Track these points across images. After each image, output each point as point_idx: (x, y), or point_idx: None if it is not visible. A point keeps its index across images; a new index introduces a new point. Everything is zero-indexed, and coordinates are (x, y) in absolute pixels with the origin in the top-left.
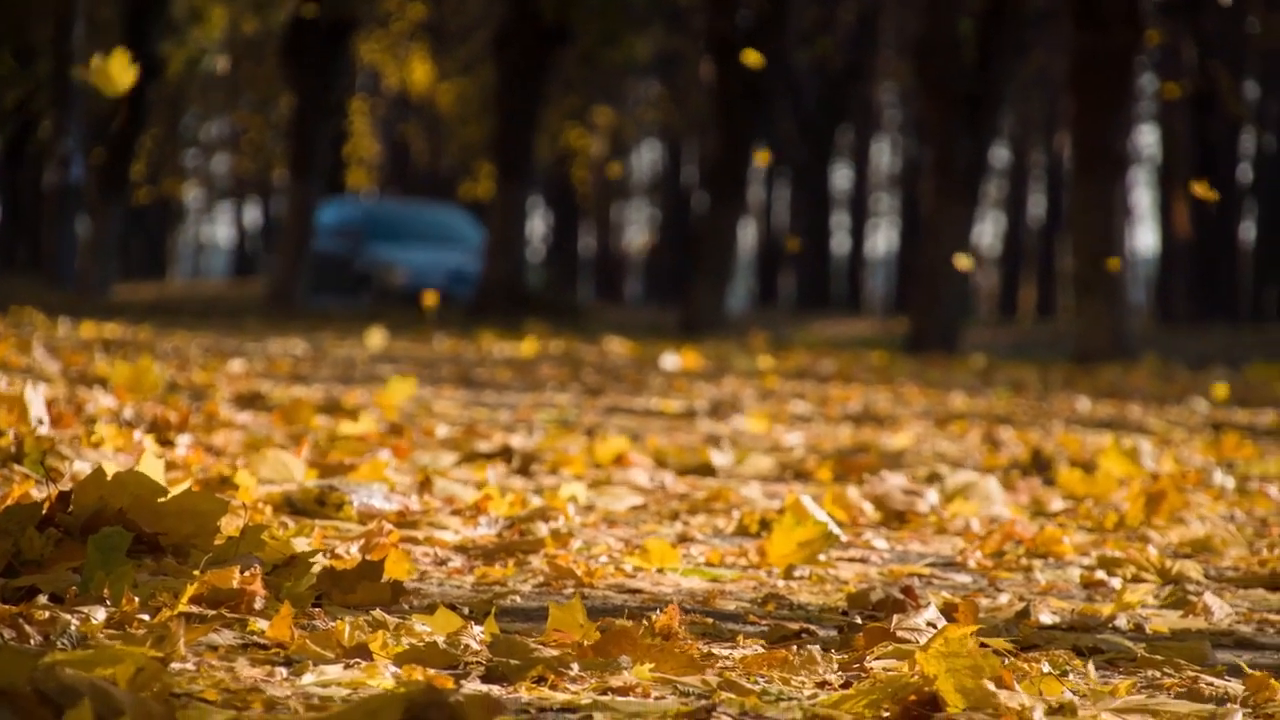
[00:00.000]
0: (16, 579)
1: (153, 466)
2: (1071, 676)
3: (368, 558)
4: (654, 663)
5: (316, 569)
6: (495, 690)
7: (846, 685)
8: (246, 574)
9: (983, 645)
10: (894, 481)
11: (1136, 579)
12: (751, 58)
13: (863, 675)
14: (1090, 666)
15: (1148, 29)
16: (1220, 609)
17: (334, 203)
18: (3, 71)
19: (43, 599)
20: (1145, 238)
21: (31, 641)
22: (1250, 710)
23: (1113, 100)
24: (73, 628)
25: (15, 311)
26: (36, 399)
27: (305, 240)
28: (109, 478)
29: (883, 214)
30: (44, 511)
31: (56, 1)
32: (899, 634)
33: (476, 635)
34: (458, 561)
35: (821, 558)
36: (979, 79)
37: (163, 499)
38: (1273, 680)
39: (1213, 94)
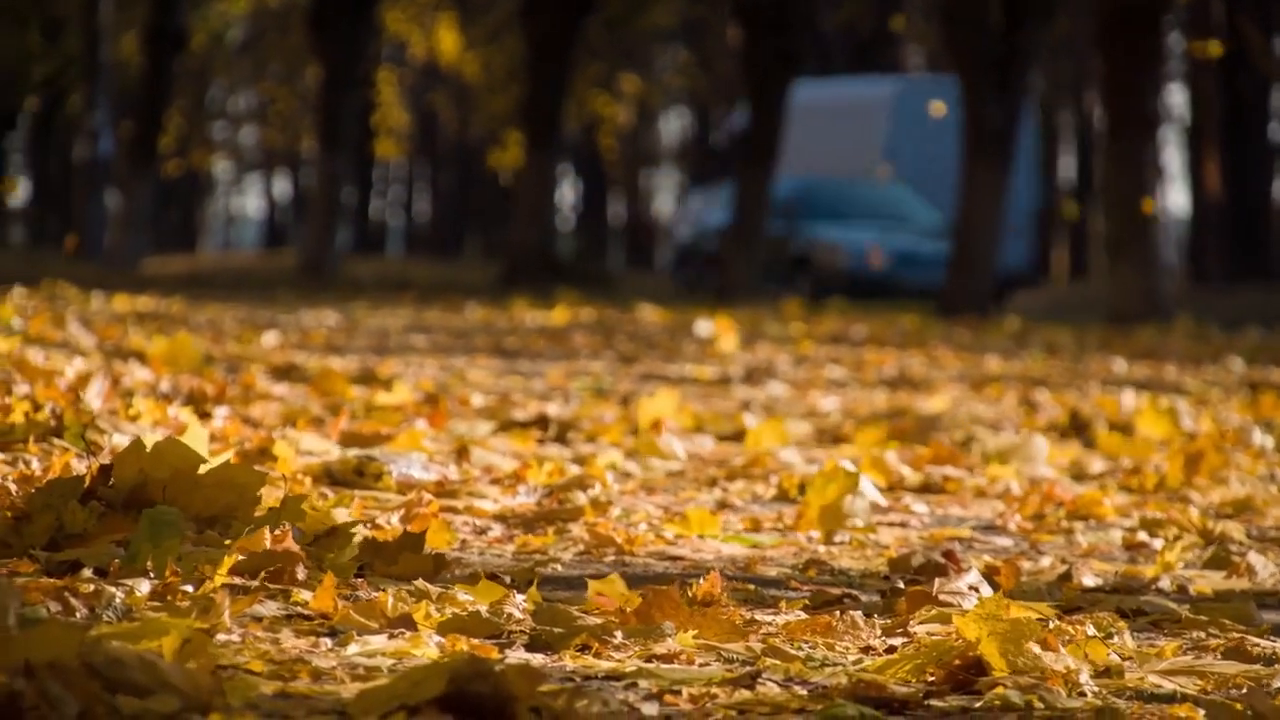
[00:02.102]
0: (60, 552)
1: (197, 438)
2: (1116, 639)
3: (408, 528)
4: (697, 629)
5: (358, 540)
6: (539, 659)
7: (891, 650)
8: (277, 532)
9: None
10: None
11: (1178, 540)
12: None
13: (907, 640)
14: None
15: None
16: (1264, 569)
17: None
18: (31, 47)
19: (87, 572)
20: (1176, 198)
21: (77, 614)
22: None
23: (1142, 60)
24: (118, 600)
25: (48, 285)
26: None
27: (335, 211)
28: (149, 450)
29: None
30: (86, 485)
31: None
32: (941, 598)
33: (519, 604)
34: (498, 530)
35: (860, 523)
36: (1007, 42)
37: (203, 471)
38: None
39: (1242, 52)
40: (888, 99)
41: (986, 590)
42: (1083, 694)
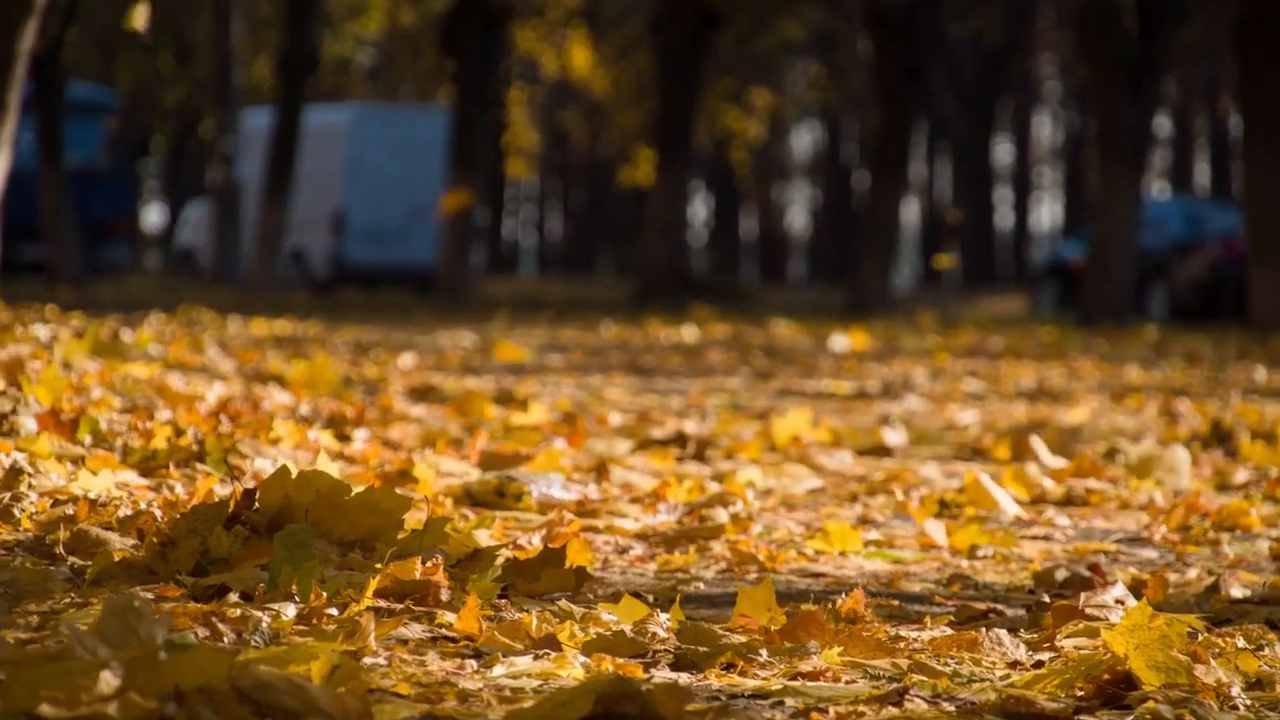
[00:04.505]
0: (206, 577)
1: (325, 467)
2: (1266, 650)
3: (550, 547)
4: (842, 646)
5: (500, 561)
6: (685, 678)
7: (1038, 665)
8: (429, 564)
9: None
10: None
11: None
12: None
13: (1054, 655)
14: None
15: None
16: None
17: None
18: (164, 71)
19: (233, 597)
20: None
21: (225, 639)
22: None
23: (1278, 62)
24: (264, 624)
25: (184, 310)
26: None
27: (470, 232)
28: (294, 476)
29: (1045, 187)
30: (230, 510)
31: None
32: (1088, 612)
33: (663, 623)
34: (639, 549)
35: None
36: (1141, 47)
37: (347, 496)
38: None
39: None
40: (346, 123)
41: (1133, 603)
42: (1234, 707)
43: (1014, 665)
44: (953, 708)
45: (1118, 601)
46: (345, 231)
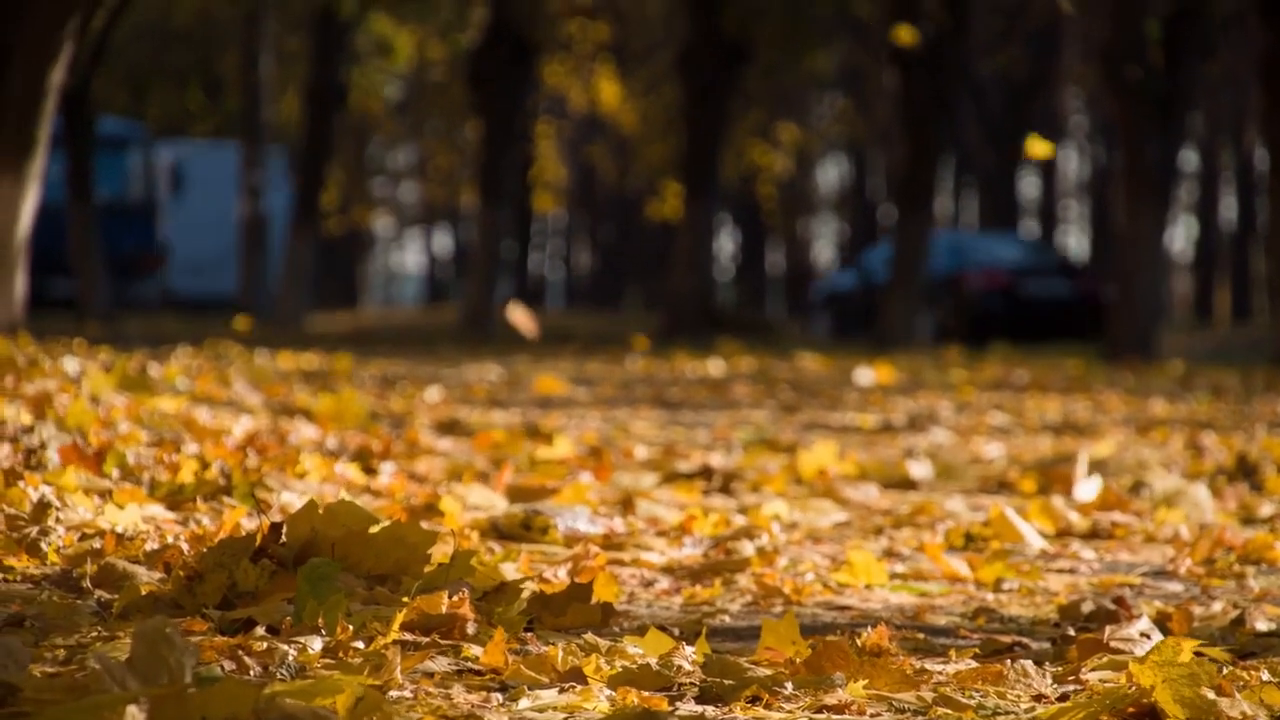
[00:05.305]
0: (233, 611)
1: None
2: None
3: (576, 580)
4: (867, 679)
5: (526, 594)
6: (710, 711)
7: (1063, 698)
8: (455, 598)
9: (1199, 654)
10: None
11: None
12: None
13: (1079, 688)
14: None
15: None
16: None
17: None
18: (192, 105)
19: (259, 630)
20: None
21: (251, 673)
22: None
23: None
24: (291, 658)
25: (212, 343)
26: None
27: (495, 265)
28: (321, 510)
29: (1072, 221)
30: (257, 543)
31: (243, 34)
32: (1113, 645)
33: (688, 656)
34: (665, 582)
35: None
36: (1167, 81)
37: (374, 530)
38: None
39: None
40: (170, 161)
41: (1158, 637)
42: None
43: (1039, 698)
44: None
45: (1143, 635)
46: (169, 263)
